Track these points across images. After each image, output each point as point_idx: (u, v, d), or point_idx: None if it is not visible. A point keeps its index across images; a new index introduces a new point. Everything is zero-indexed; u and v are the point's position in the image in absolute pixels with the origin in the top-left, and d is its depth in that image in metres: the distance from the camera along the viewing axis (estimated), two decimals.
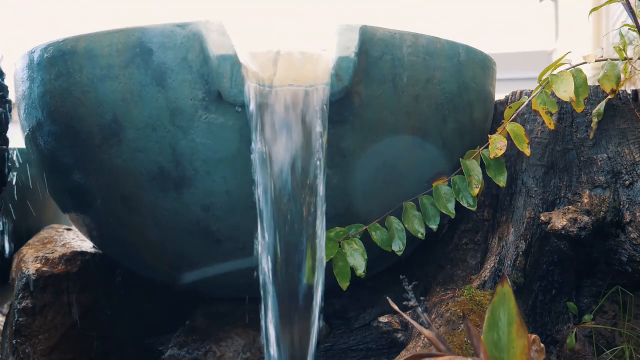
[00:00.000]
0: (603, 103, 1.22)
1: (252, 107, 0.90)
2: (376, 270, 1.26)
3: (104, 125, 1.03)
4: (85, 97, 1.03)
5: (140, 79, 0.99)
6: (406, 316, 0.77)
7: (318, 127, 0.90)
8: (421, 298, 0.78)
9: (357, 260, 1.02)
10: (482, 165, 1.15)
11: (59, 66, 1.04)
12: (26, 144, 1.25)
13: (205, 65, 0.96)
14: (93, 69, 1.01)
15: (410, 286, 0.79)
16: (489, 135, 1.16)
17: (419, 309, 0.78)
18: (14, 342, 1.20)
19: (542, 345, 0.92)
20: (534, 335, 0.90)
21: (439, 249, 1.30)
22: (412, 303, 0.78)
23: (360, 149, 1.05)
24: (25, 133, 1.21)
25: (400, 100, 1.06)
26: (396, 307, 0.79)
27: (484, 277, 1.13)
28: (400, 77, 1.05)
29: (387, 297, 0.82)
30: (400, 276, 0.81)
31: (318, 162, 0.90)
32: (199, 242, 1.09)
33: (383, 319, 1.06)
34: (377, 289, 1.29)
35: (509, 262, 1.14)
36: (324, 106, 0.91)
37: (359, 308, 1.26)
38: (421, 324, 0.79)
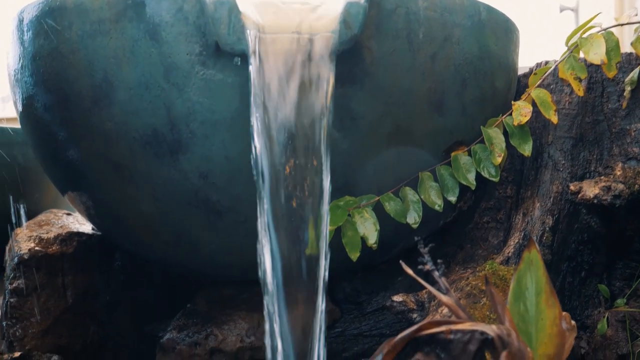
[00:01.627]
0: (637, 70, 1.13)
1: (251, 57, 0.82)
2: (390, 251, 1.17)
3: (94, 85, 0.95)
4: (74, 56, 0.96)
5: (133, 34, 0.92)
6: (420, 280, 0.69)
7: (324, 80, 0.82)
8: (438, 261, 0.69)
9: (369, 229, 0.93)
10: (505, 134, 1.07)
11: (48, 24, 0.97)
12: (21, 122, 1.18)
13: (202, 16, 0.89)
14: (83, 24, 0.94)
15: (426, 249, 0.70)
16: (513, 102, 1.07)
17: (436, 274, 0.69)
18: (4, 324, 1.13)
19: (573, 322, 0.82)
20: (564, 312, 0.81)
21: (458, 229, 1.21)
22: (427, 267, 0.70)
23: (372, 112, 0.97)
24: (19, 110, 1.15)
25: (416, 59, 0.98)
26: (409, 271, 0.71)
27: (508, 253, 1.04)
28: (416, 33, 0.96)
29: (401, 261, 0.73)
30: (415, 238, 0.72)
31: (323, 120, 0.81)
32: (197, 215, 1.01)
33: (397, 297, 0.97)
34: (391, 272, 1.20)
35: (534, 238, 1.05)
36: (331, 57, 0.83)
37: (372, 292, 1.18)
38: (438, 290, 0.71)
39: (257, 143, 0.80)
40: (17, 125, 1.28)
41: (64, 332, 1.19)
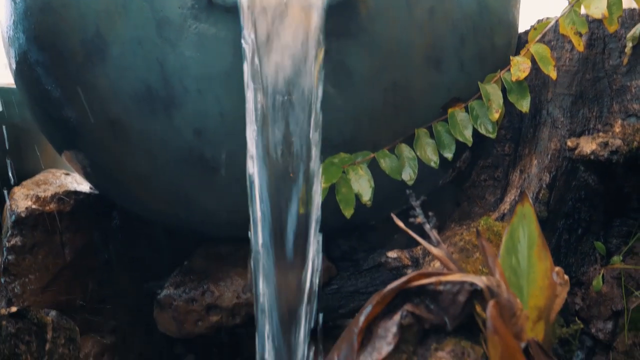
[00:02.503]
0: (639, 26, 1.11)
1: (242, 9, 0.80)
2: (386, 209, 1.17)
3: (87, 41, 0.94)
4: (66, 11, 0.95)
5: None
6: (410, 232, 0.69)
7: (316, 33, 0.80)
8: (430, 214, 0.69)
9: (363, 186, 0.93)
10: (503, 91, 1.05)
11: None
12: (15, 81, 1.17)
13: None
14: None
15: (418, 202, 0.70)
16: (511, 57, 1.05)
17: (427, 226, 0.69)
18: (2, 280, 1.14)
19: (566, 277, 0.82)
20: (557, 267, 0.81)
21: (456, 187, 1.21)
22: (419, 220, 0.69)
23: (368, 68, 0.96)
24: (13, 68, 1.14)
25: (413, 14, 0.96)
26: (400, 223, 0.71)
27: (503, 210, 1.04)
28: None
29: (392, 214, 0.73)
30: (407, 191, 0.72)
31: (314, 72, 0.80)
32: (192, 172, 1.00)
33: (392, 254, 0.97)
34: (388, 230, 1.20)
35: (531, 195, 1.05)
36: (324, 9, 0.81)
37: (368, 249, 1.18)
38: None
39: (248, 97, 0.79)
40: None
41: (63, 289, 1.20)
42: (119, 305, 1.29)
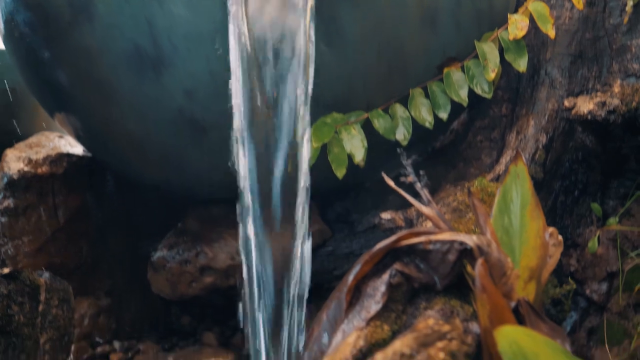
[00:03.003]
0: None
1: None
2: (380, 170, 1.16)
3: None
4: None
5: None
6: (401, 191, 0.67)
7: None
8: (421, 172, 0.68)
9: (355, 146, 0.92)
10: (500, 50, 1.03)
11: None
12: (4, 44, 1.15)
13: None
14: None
15: (409, 160, 0.69)
16: (509, 15, 1.03)
17: (418, 185, 0.68)
18: None
19: (560, 238, 0.81)
20: (551, 228, 0.80)
21: (452, 149, 1.19)
22: (410, 179, 0.68)
23: (361, 26, 0.93)
24: (2, 31, 1.12)
25: None
26: (391, 183, 0.69)
27: (498, 171, 1.02)
28: None
29: (383, 174, 0.72)
30: (398, 150, 0.71)
31: (304, 28, 0.78)
32: (182, 133, 0.99)
33: (386, 215, 0.96)
34: (382, 191, 1.19)
35: (527, 156, 1.03)
36: None
37: (363, 211, 1.17)
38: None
39: (234, 53, 0.78)
40: None
41: (57, 251, 1.19)
42: (113, 268, 1.29)
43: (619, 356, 1.02)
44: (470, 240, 0.62)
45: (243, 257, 0.86)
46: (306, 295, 0.85)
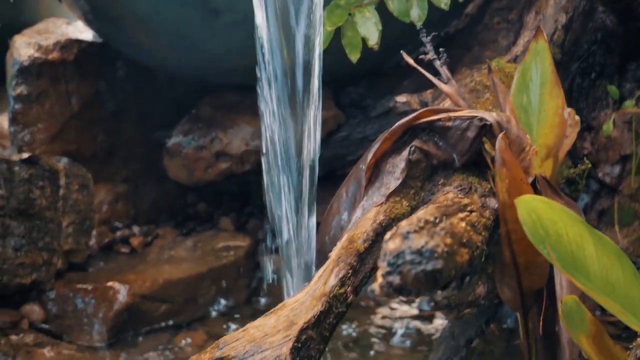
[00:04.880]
0: None
1: None
2: (395, 56, 1.14)
3: None
4: None
5: None
6: (420, 68, 0.67)
7: None
8: (440, 50, 0.67)
9: (370, 29, 0.90)
10: None
11: None
12: None
13: None
14: None
15: (428, 38, 0.67)
16: None
17: (437, 63, 0.67)
18: (11, 130, 1.14)
19: (577, 118, 0.81)
20: (569, 108, 0.80)
21: (467, 32, 1.17)
22: (429, 56, 0.67)
23: None
24: None
25: None
26: (410, 60, 0.69)
27: (516, 52, 1.01)
28: None
29: (402, 52, 0.71)
30: (417, 27, 0.69)
31: None
32: (194, 15, 0.97)
33: (401, 98, 0.95)
34: (397, 76, 1.18)
35: (546, 37, 1.01)
36: None
37: (377, 96, 1.16)
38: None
39: None
40: None
41: (72, 138, 1.20)
42: (129, 155, 1.30)
43: (629, 237, 1.05)
44: (490, 116, 0.62)
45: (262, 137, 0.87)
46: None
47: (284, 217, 0.91)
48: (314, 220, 0.89)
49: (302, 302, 0.59)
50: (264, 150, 0.93)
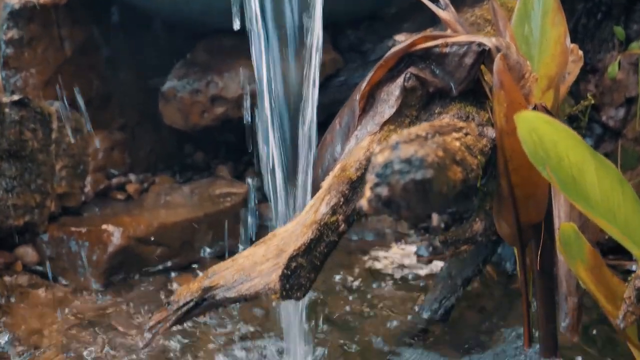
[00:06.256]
0: None
1: None
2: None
3: None
4: None
5: None
6: None
7: None
8: None
9: None
10: None
11: None
12: None
13: None
14: None
15: None
16: None
17: None
18: (3, 74, 1.12)
19: (580, 53, 0.79)
20: (573, 44, 0.77)
21: None
22: None
23: None
24: None
25: None
26: None
27: None
28: None
29: None
30: None
31: None
32: None
33: (400, 37, 0.92)
34: (397, 20, 1.15)
35: None
36: None
37: (376, 40, 1.14)
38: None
39: None
40: None
41: (66, 84, 1.17)
42: (125, 103, 1.28)
43: (632, 180, 1.02)
44: (489, 41, 0.60)
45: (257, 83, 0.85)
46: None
47: (280, 164, 0.90)
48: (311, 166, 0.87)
49: (292, 231, 0.57)
50: (259, 95, 0.91)
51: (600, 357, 0.78)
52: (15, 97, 0.96)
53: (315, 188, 0.67)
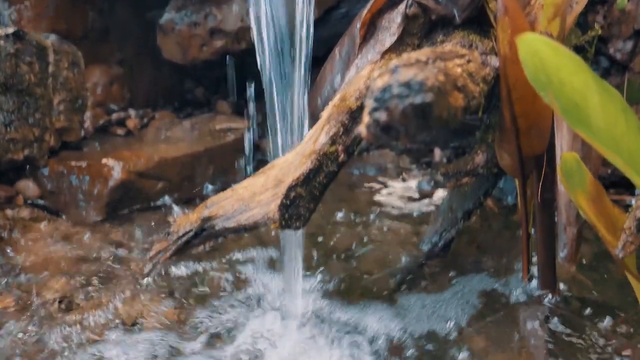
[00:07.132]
0: None
1: None
2: None
3: None
4: None
5: None
6: None
7: None
8: None
9: None
10: None
11: None
12: None
13: None
14: None
15: None
16: None
17: None
18: None
19: None
20: None
21: None
22: None
23: None
24: None
25: None
26: None
27: None
28: None
29: None
30: None
31: None
32: None
33: None
34: None
35: None
36: None
37: None
38: None
39: None
40: None
41: (61, 17, 1.15)
42: (123, 37, 1.26)
43: (638, 114, 1.01)
44: None
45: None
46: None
47: (278, 99, 0.88)
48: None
49: (291, 161, 0.57)
50: (256, 29, 0.88)
51: (597, 289, 0.78)
52: (10, 30, 0.94)
53: (313, 119, 0.66)
